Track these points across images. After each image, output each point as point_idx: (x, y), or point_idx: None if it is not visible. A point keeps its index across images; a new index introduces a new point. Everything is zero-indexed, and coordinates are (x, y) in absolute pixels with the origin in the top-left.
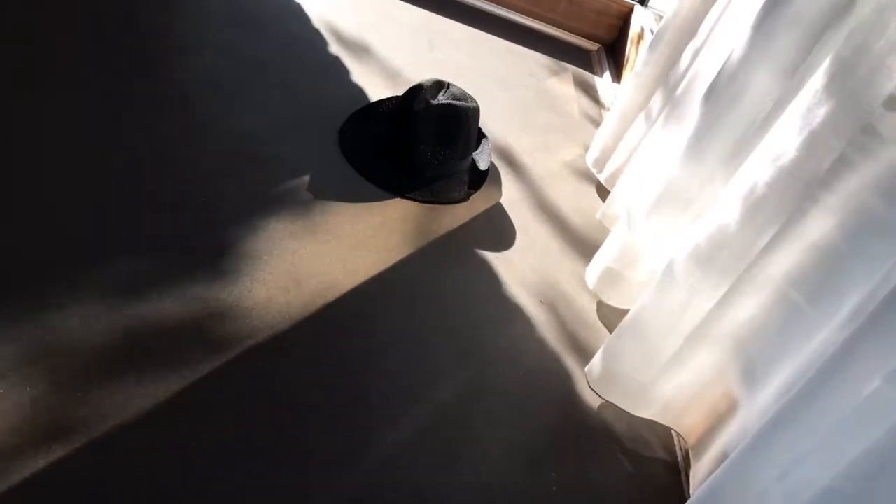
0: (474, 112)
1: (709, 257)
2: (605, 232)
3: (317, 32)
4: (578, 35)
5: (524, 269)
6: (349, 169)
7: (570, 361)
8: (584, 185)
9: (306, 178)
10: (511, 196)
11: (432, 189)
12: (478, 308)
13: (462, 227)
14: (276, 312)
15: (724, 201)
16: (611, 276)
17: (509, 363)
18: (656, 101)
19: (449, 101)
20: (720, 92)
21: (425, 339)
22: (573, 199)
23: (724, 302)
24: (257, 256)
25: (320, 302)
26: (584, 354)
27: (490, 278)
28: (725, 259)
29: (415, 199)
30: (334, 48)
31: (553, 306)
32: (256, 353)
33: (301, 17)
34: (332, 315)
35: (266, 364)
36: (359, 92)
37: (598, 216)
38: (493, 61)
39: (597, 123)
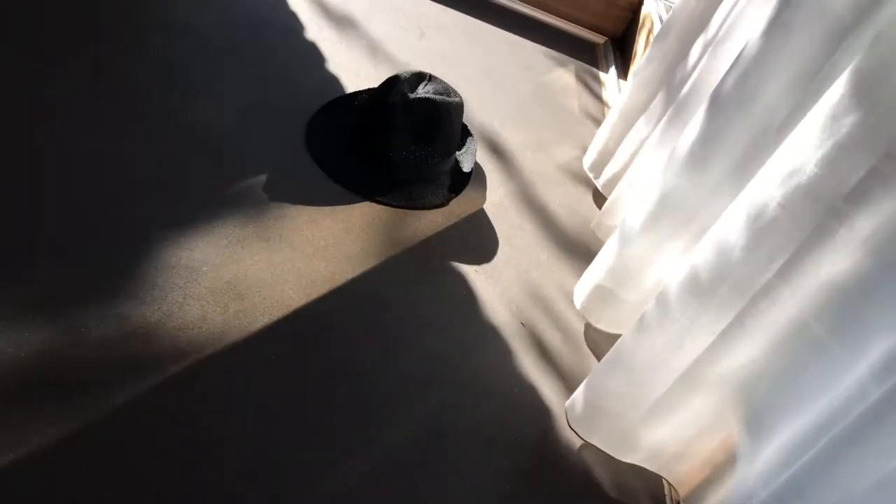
0: (457, 108)
1: (708, 287)
2: (600, 244)
3: (293, 16)
4: (584, 27)
5: (506, 284)
6: (315, 167)
7: (549, 394)
8: (579, 191)
9: (264, 176)
10: (496, 201)
11: (407, 192)
12: (449, 329)
13: (438, 235)
14: (208, 333)
15: (729, 221)
16: (601, 296)
17: (480, 394)
18: (659, 100)
19: (429, 95)
20: (729, 93)
21: (385, 365)
22: (566, 206)
23: (724, 339)
24: (195, 267)
25: (264, 320)
26: (567, 386)
27: (466, 295)
28: (727, 290)
29: (386, 204)
30: (312, 33)
31: (535, 328)
32: (180, 381)
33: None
34: (276, 336)
35: (189, 395)
36: (334, 82)
37: (592, 226)
38: (488, 52)
39: (598, 122)
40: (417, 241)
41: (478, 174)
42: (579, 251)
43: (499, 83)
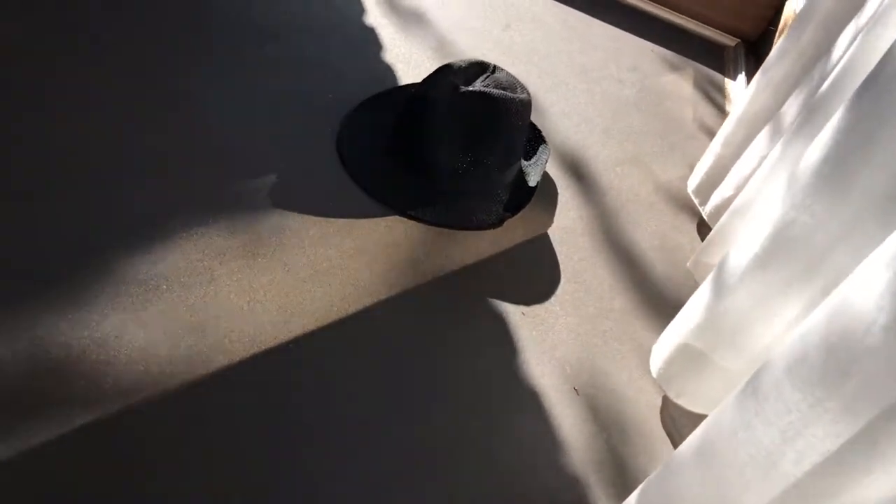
0: (520, 106)
1: (822, 379)
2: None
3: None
4: (712, 25)
5: (561, 334)
6: (341, 171)
7: (599, 494)
8: (679, 220)
9: (274, 177)
10: (566, 224)
11: (451, 207)
12: (474, 387)
13: (482, 263)
14: (144, 373)
15: (869, 277)
16: (688, 360)
17: (503, 481)
18: (791, 106)
19: (485, 89)
20: (886, 84)
21: (376, 435)
22: (659, 238)
23: (855, 449)
24: (152, 284)
25: (222, 361)
26: (626, 486)
27: (505, 344)
28: (863, 378)
29: (421, 220)
30: (374, 17)
31: (593, 398)
32: (91, 434)
33: None
34: (234, 383)
35: (101, 454)
36: (387, 74)
37: (689, 266)
38: (586, 48)
39: None
40: (452, 270)
41: (547, 190)
42: (668, 299)
43: (594, 84)
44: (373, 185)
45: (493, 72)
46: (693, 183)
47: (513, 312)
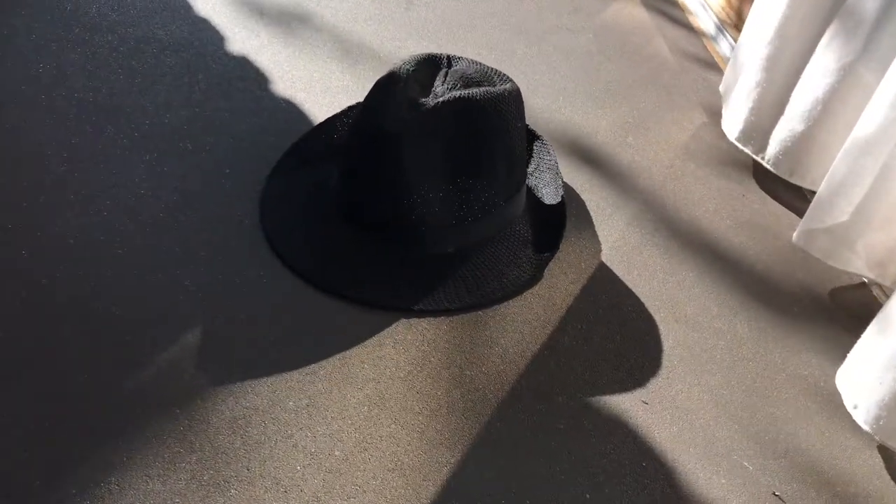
0: (511, 101)
1: None
2: (826, 273)
3: (202, 23)
4: None
5: (708, 415)
6: (290, 279)
7: None
8: (736, 179)
9: (192, 333)
10: (618, 240)
11: (467, 277)
12: None
13: (547, 344)
14: None
15: None
16: None
17: None
18: None
19: (458, 92)
20: None
21: None
22: (731, 215)
23: None
24: None
25: None
26: None
27: (653, 467)
28: None
29: (437, 311)
30: (239, 42)
31: (801, 492)
32: None
33: (173, 4)
34: None
35: None
36: (291, 113)
37: (795, 239)
38: (512, 4)
39: (707, 63)
40: (516, 371)
41: (569, 201)
42: (799, 296)
43: (543, 44)
44: (346, 283)
45: (450, 64)
46: (734, 127)
47: (629, 407)
